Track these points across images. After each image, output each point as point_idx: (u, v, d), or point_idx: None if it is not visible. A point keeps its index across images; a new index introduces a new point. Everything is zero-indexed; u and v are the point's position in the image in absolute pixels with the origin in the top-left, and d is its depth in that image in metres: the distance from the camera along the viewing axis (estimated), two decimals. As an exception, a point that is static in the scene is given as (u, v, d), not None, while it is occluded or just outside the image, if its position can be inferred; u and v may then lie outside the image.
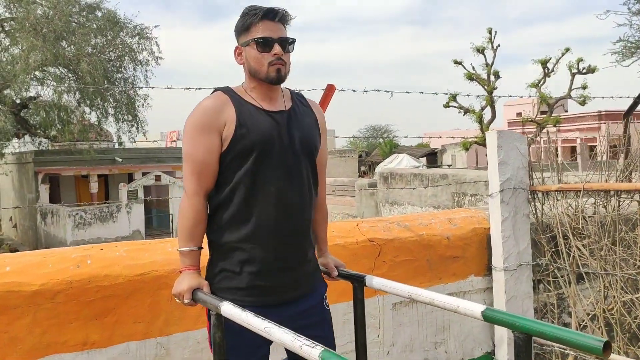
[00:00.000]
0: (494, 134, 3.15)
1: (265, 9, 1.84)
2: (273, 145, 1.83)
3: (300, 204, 1.88)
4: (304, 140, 1.91)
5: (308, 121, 1.97)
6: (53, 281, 2.25)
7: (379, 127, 56.37)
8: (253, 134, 1.82)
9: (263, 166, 1.82)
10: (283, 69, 1.85)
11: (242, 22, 1.87)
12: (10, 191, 20.70)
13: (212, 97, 1.88)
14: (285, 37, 1.87)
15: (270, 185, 1.83)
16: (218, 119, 1.82)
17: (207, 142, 1.81)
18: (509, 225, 3.16)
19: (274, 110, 1.89)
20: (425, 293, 1.77)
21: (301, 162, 1.89)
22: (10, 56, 14.56)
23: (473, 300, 3.24)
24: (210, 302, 1.72)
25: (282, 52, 1.84)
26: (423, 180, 11.10)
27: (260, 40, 1.82)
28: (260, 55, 1.83)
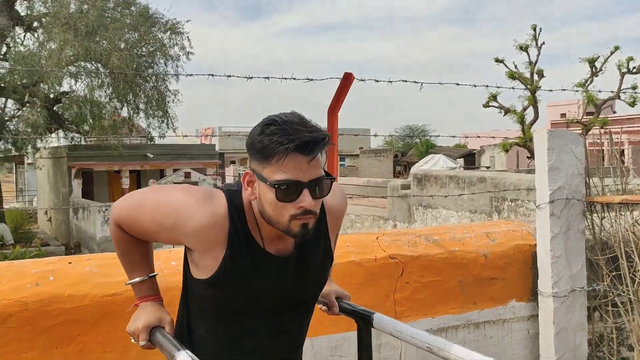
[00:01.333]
0: (543, 134, 2.65)
1: (298, 141, 1.22)
2: (261, 304, 1.39)
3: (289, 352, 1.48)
4: (307, 293, 1.47)
5: (317, 260, 1.46)
6: (4, 302, 1.88)
7: (416, 127, 55.47)
8: (240, 291, 1.35)
9: (243, 321, 1.40)
10: (312, 222, 1.30)
11: (260, 142, 1.26)
12: (45, 185, 20.91)
13: (210, 212, 1.33)
14: (320, 178, 1.28)
15: (248, 343, 1.41)
16: (195, 241, 1.34)
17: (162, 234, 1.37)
18: (559, 242, 2.66)
19: (279, 255, 1.39)
20: (450, 348, 1.30)
21: (297, 312, 1.47)
22: (45, 51, 14.57)
23: (515, 329, 2.77)
24: (166, 347, 1.30)
25: (313, 202, 1.27)
26: (459, 182, 10.50)
27: (283, 186, 1.24)
28: (280, 204, 1.26)
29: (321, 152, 1.28)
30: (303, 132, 1.23)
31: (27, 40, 16.96)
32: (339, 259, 2.41)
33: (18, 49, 16.19)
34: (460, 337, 2.65)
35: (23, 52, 15.16)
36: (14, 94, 14.33)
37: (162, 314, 1.43)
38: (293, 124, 1.24)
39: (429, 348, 1.36)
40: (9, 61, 15.27)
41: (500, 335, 2.74)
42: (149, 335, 1.39)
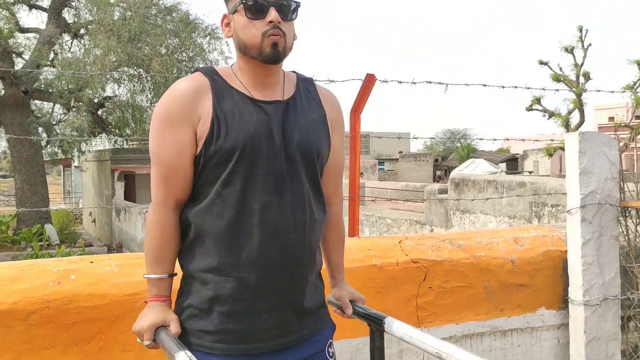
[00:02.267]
0: (574, 136, 2.56)
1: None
2: (258, 149, 1.39)
3: (294, 225, 1.42)
4: (303, 143, 1.44)
5: (312, 117, 1.50)
6: (27, 299, 1.92)
7: (457, 130, 54.71)
8: (233, 132, 1.37)
9: (242, 177, 1.38)
10: (281, 41, 1.40)
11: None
12: (90, 187, 21.54)
13: (188, 79, 1.44)
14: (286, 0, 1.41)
15: (251, 202, 1.38)
16: (192, 109, 1.39)
17: (175, 140, 1.39)
18: (591, 249, 2.56)
19: (267, 100, 1.44)
20: (459, 354, 1.26)
21: (298, 170, 1.43)
22: (90, 57, 15.02)
23: (544, 338, 2.67)
24: (167, 346, 1.31)
25: (280, 19, 1.39)
26: (497, 187, 10.29)
27: (250, 3, 1.38)
28: (250, 23, 1.39)
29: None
30: None
31: (74, 47, 17.55)
32: (360, 263, 2.38)
33: (65, 55, 16.75)
34: (486, 345, 2.57)
35: (69, 59, 15.66)
36: (60, 99, 14.82)
37: (167, 314, 1.43)
38: None
39: (437, 353, 1.32)
40: (57, 67, 15.79)
41: (528, 344, 2.65)
42: (154, 335, 1.40)
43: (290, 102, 1.47)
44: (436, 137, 52.30)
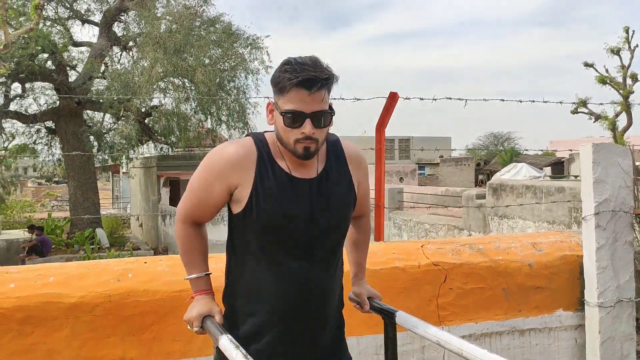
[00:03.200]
0: (588, 148, 2.72)
1: (301, 77, 1.50)
2: (292, 224, 1.61)
3: (323, 286, 1.68)
4: (333, 217, 1.67)
5: (341, 187, 1.70)
6: (92, 294, 2.23)
7: (500, 134, 53.79)
8: (270, 209, 1.60)
9: (277, 243, 1.63)
10: (313, 146, 1.57)
11: (276, 77, 1.57)
12: (137, 193, 22.33)
13: (239, 145, 1.65)
14: (321, 111, 1.55)
15: (284, 265, 1.63)
16: (233, 175, 1.61)
17: (210, 188, 1.65)
18: (605, 254, 2.71)
19: (304, 177, 1.64)
20: (456, 342, 1.47)
21: (327, 237, 1.67)
22: (138, 69, 15.68)
23: (561, 338, 2.83)
24: (212, 332, 1.57)
25: (314, 129, 1.54)
26: (536, 192, 10.27)
27: (288, 114, 1.54)
28: (287, 129, 1.56)
29: (326, 90, 1.55)
30: (309, 71, 1.50)
31: (123, 59, 18.33)
32: (384, 265, 2.60)
33: (115, 67, 17.51)
34: (505, 343, 2.75)
35: (119, 70, 16.37)
36: (110, 108, 15.51)
37: (212, 306, 1.70)
38: (304, 65, 1.52)
39: (437, 341, 1.53)
40: (107, 79, 16.53)
41: (546, 343, 2.81)
42: (201, 322, 1.66)
43: (323, 178, 1.66)
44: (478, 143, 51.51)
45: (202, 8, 16.75)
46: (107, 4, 17.60)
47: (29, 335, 2.13)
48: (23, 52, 14.34)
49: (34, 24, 8.49)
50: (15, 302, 2.12)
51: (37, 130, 18.68)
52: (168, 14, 16.15)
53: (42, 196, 32.76)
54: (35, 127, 18.34)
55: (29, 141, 19.00)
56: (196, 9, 16.70)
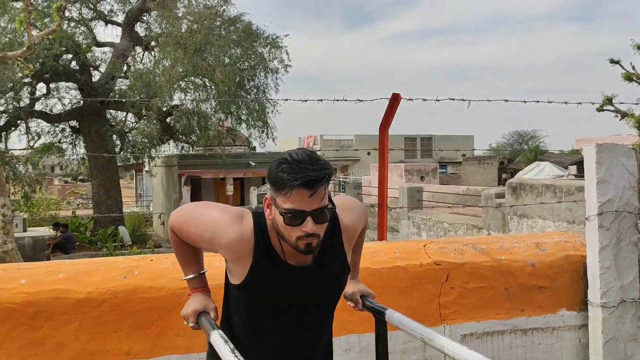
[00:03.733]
0: (591, 148, 2.71)
1: (301, 180, 1.48)
2: (284, 306, 1.68)
3: (310, 351, 1.75)
4: (325, 297, 1.74)
5: (335, 269, 1.72)
6: (99, 290, 2.30)
7: (525, 132, 53.09)
8: (264, 292, 1.64)
9: (269, 319, 1.69)
10: (315, 241, 1.56)
11: (274, 177, 1.53)
12: (159, 191, 22.67)
13: (239, 228, 1.63)
14: (322, 208, 1.53)
15: (274, 337, 1.70)
16: (228, 255, 1.66)
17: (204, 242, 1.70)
18: (609, 254, 2.70)
19: (299, 265, 1.66)
20: (439, 339, 1.51)
21: (317, 312, 1.74)
22: (159, 69, 15.92)
23: (565, 338, 2.84)
24: (205, 327, 1.63)
25: (315, 227, 1.53)
26: (556, 192, 10.15)
27: (289, 214, 1.52)
28: (288, 227, 1.54)
29: (326, 187, 1.54)
30: (308, 171, 1.49)
31: (145, 59, 18.61)
32: (385, 264, 2.64)
33: (137, 67, 17.80)
34: (507, 342, 2.76)
35: (141, 70, 16.64)
36: (132, 108, 15.78)
37: (207, 303, 1.76)
38: (301, 163, 1.50)
39: (422, 338, 1.57)
40: (129, 79, 16.81)
41: (549, 343, 2.82)
42: (197, 318, 1.72)
43: (318, 262, 1.66)
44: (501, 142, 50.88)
45: (222, 8, 16.93)
46: (130, 4, 17.89)
47: (39, 329, 2.21)
48: (48, 52, 14.66)
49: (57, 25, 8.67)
50: (26, 297, 2.21)
51: (62, 129, 19.10)
52: (189, 14, 16.35)
53: (67, 194, 33.40)
54: (60, 126, 18.75)
55: (54, 140, 19.42)
56: (217, 9, 16.87)
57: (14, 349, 2.19)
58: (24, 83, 15.94)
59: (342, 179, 26.68)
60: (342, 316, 2.39)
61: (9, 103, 16.02)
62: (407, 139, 39.10)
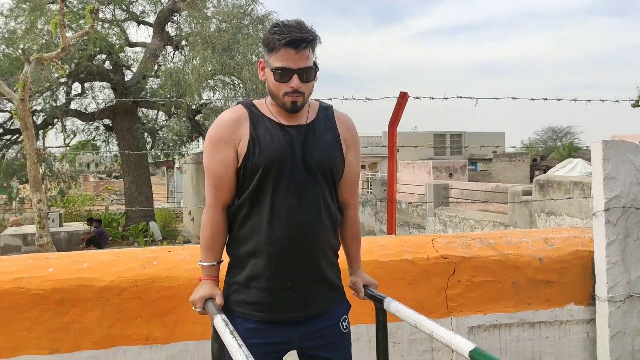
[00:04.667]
0: (598, 145, 2.75)
1: (288, 38, 1.71)
2: (284, 163, 1.79)
3: (313, 224, 1.81)
4: (319, 159, 1.83)
5: (328, 138, 1.88)
6: (120, 279, 2.45)
7: (559, 128, 52.07)
8: (265, 151, 1.79)
9: (271, 185, 1.79)
10: (300, 99, 1.78)
11: (267, 39, 1.78)
12: (189, 188, 23.05)
13: (231, 110, 1.88)
14: (306, 67, 1.76)
15: (278, 204, 1.79)
16: (234, 133, 1.82)
17: (222, 156, 1.83)
18: (616, 249, 2.74)
19: (292, 124, 1.84)
20: (428, 324, 1.60)
21: (315, 180, 1.82)
22: (188, 67, 16.22)
23: (573, 332, 2.89)
24: (210, 312, 1.75)
25: (300, 84, 1.76)
26: (584, 188, 10.03)
27: (278, 70, 1.75)
28: (277, 84, 1.77)
29: (311, 49, 1.76)
30: (295, 33, 1.71)
31: (175, 58, 18.96)
32: (393, 257, 2.72)
33: (167, 66, 18.15)
34: (514, 335, 2.82)
35: (171, 69, 16.97)
36: (163, 106, 16.13)
37: (214, 290, 1.88)
38: (290, 27, 1.72)
39: (414, 324, 1.66)
40: (160, 78, 17.17)
41: (557, 336, 2.86)
42: (204, 304, 1.85)
43: (310, 126, 1.86)
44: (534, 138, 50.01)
45: (250, 7, 17.13)
46: (161, 5, 18.25)
47: (65, 315, 2.37)
48: (82, 53, 15.09)
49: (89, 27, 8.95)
50: (53, 285, 2.37)
51: (96, 127, 19.62)
52: (218, 14, 16.61)
53: (101, 190, 34.23)
54: (94, 124, 19.26)
55: (88, 138, 19.97)
56: (245, 8, 17.09)
57: (43, 332, 2.35)
58: (60, 83, 16.43)
59: (369, 175, 26.67)
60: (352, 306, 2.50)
61: (46, 102, 16.54)
62: (437, 136, 38.84)
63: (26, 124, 7.39)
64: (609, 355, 2.73)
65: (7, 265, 2.43)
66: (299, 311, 1.83)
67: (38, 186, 8.10)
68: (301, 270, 1.82)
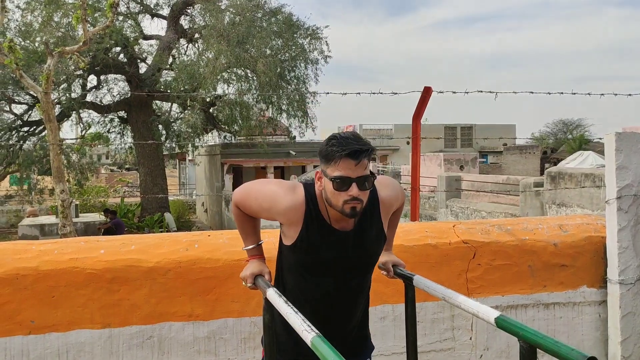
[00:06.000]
0: (611, 136, 2.91)
1: (348, 150, 1.78)
2: (330, 265, 1.95)
3: (348, 309, 2.02)
4: (364, 257, 2.00)
5: (372, 234, 2.00)
6: (165, 260, 2.65)
7: (570, 121, 51.82)
8: (312, 253, 1.93)
9: (317, 275, 1.97)
10: (359, 206, 1.84)
11: (325, 150, 1.84)
12: (202, 179, 23.36)
13: (293, 197, 1.94)
14: (365, 176, 1.82)
15: (319, 290, 1.98)
16: (283, 220, 1.96)
17: (264, 212, 2.00)
18: (627, 235, 2.90)
19: (343, 230, 1.94)
20: (455, 296, 1.78)
21: (357, 272, 2.01)
22: (203, 60, 16.43)
23: (585, 312, 3.06)
24: (261, 286, 1.94)
25: (359, 192, 1.82)
26: (595, 180, 10.14)
27: (337, 180, 1.81)
28: (336, 192, 1.82)
29: (368, 159, 1.83)
30: (353, 145, 1.80)
31: (189, 51, 19.18)
32: (417, 242, 2.91)
33: (182, 58, 18.38)
34: (530, 315, 3.00)
35: (186, 62, 17.20)
36: (177, 99, 16.36)
37: (263, 267, 2.08)
38: (348, 139, 1.82)
39: (443, 297, 1.85)
40: (174, 70, 17.39)
41: (570, 317, 3.04)
42: (254, 280, 2.04)
43: (357, 228, 1.96)
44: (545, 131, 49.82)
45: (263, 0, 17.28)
46: (175, -2, 18.45)
47: (116, 292, 2.58)
48: (99, 46, 15.33)
49: (110, 21, 9.15)
50: (105, 265, 2.58)
51: (111, 119, 19.90)
52: (232, 6, 16.78)
53: (114, 182, 34.60)
54: (109, 116, 19.54)
55: (103, 130, 20.26)
56: (258, 1, 17.25)
57: (96, 308, 2.56)
58: (76, 75, 16.70)
59: (380, 168, 26.81)
60: (378, 288, 2.69)
61: (63, 95, 16.82)
62: (447, 128, 38.83)
63: (49, 116, 7.62)
64: (620, 334, 2.91)
65: (63, 247, 2.64)
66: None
67: (61, 177, 8.34)
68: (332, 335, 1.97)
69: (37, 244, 2.68)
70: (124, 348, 2.58)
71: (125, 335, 2.59)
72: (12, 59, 7.22)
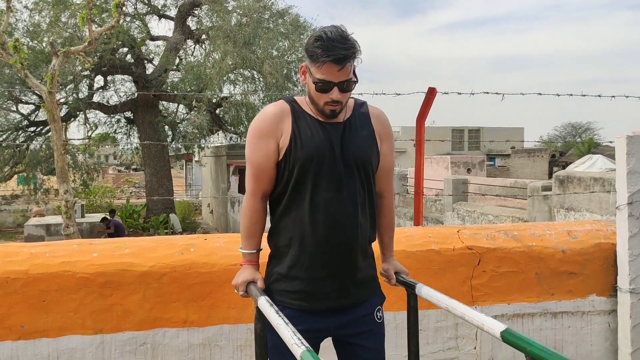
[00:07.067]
0: (622, 140, 2.81)
1: (332, 57, 1.77)
2: (323, 158, 1.88)
3: (350, 215, 1.91)
4: (356, 153, 1.93)
5: (364, 133, 1.97)
6: (160, 264, 2.58)
7: (579, 124, 51.48)
8: (305, 146, 1.88)
9: (312, 178, 1.89)
10: (338, 108, 1.88)
11: (310, 50, 1.83)
12: (209, 181, 23.32)
13: (274, 105, 1.98)
14: (347, 80, 1.84)
15: (318, 196, 1.89)
16: (277, 127, 1.92)
17: (264, 148, 1.93)
18: (638, 242, 2.80)
19: (331, 122, 1.93)
20: (460, 307, 1.69)
21: (352, 174, 1.92)
22: (209, 61, 16.39)
23: (594, 322, 2.96)
24: (253, 295, 1.86)
25: (340, 95, 1.85)
26: (604, 184, 10.00)
27: (319, 83, 1.83)
28: (318, 94, 1.86)
29: (351, 62, 1.82)
30: (339, 49, 1.77)
31: (196, 52, 19.17)
32: (420, 247, 2.82)
33: (188, 59, 18.36)
34: (537, 324, 2.90)
35: (192, 63, 17.17)
36: (184, 99, 16.33)
37: (256, 274, 1.99)
38: (333, 41, 1.77)
39: (447, 308, 1.75)
40: (181, 71, 17.37)
41: (578, 326, 2.94)
42: (246, 288, 1.96)
43: (347, 123, 1.96)
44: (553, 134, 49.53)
45: (271, 1, 17.25)
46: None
47: (108, 297, 2.50)
48: (105, 47, 15.33)
49: (115, 21, 9.11)
50: (97, 269, 2.50)
51: (117, 120, 19.91)
52: (239, 8, 16.75)
53: (121, 182, 34.66)
54: (115, 117, 19.56)
55: (110, 130, 20.28)
56: (265, 2, 17.20)
57: (87, 313, 2.49)
58: (83, 76, 16.72)
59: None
60: (379, 294, 2.60)
61: (69, 95, 16.83)
62: (455, 131, 38.68)
63: (54, 116, 7.57)
64: (630, 345, 2.80)
65: (55, 250, 2.56)
66: (336, 300, 1.93)
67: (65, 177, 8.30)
68: (338, 261, 1.92)
69: (29, 246, 2.61)
70: (116, 355, 2.51)
71: (118, 342, 2.51)
72: (17, 58, 7.19)
